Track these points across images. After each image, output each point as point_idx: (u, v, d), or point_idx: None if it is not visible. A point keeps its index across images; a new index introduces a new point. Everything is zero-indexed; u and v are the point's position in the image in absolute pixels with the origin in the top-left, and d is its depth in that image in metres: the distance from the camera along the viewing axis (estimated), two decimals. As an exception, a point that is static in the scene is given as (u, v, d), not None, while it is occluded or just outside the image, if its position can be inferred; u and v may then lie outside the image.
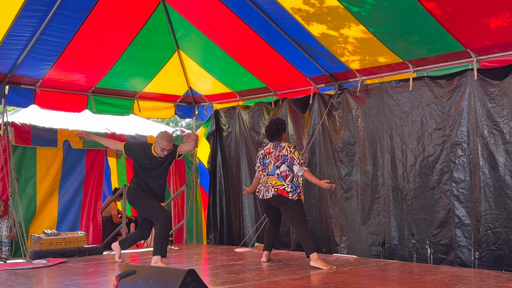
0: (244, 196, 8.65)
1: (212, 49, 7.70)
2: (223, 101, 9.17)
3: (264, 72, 7.95)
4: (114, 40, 7.38)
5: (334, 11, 6.05)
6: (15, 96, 7.64)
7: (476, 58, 6.15)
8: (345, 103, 7.38)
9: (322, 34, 6.52)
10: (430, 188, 6.50)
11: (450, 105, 6.37)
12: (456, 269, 5.68)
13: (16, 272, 5.73)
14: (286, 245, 7.96)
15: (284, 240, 8.03)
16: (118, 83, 8.30)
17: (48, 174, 7.86)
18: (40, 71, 7.47)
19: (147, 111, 9.04)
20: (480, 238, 6.05)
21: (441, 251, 6.36)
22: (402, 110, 6.79)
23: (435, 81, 6.51)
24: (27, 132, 7.66)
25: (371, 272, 5.53)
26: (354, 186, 7.23)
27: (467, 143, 6.22)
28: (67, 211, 8.04)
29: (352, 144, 7.30)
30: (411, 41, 6.22)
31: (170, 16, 7.46)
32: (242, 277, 5.28)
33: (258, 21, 6.80)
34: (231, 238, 8.89)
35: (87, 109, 8.31)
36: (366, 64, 6.93)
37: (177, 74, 8.62)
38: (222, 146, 9.14)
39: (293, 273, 5.47)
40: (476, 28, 5.72)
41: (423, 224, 6.54)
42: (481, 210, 6.07)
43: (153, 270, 3.62)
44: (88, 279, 5.42)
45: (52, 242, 6.94)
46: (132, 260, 6.89)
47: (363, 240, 7.10)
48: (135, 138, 8.95)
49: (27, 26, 6.55)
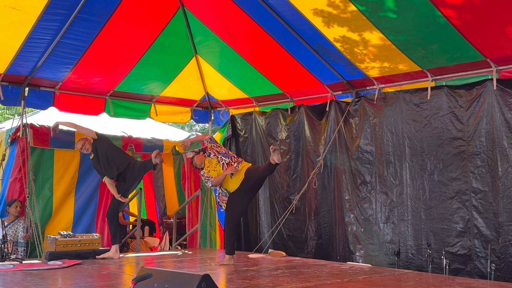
0: (260, 202, 8.63)
1: (230, 54, 7.72)
2: (240, 106, 9.18)
3: (281, 78, 7.95)
4: (133, 44, 7.44)
5: (357, 16, 6.00)
6: (34, 98, 7.73)
7: (496, 68, 6.10)
8: (362, 110, 7.36)
9: (343, 37, 6.48)
10: (449, 198, 6.44)
11: (469, 115, 6.32)
12: (472, 281, 5.61)
13: (32, 273, 5.77)
14: (304, 252, 7.89)
15: (300, 246, 7.98)
16: (136, 87, 8.36)
17: (65, 176, 7.93)
18: (60, 74, 7.55)
19: (163, 115, 9.09)
20: (499, 249, 5.98)
21: (459, 261, 6.29)
22: (420, 119, 6.75)
23: (454, 91, 6.47)
24: (45, 134, 7.73)
25: (385, 282, 5.49)
26: (370, 194, 7.19)
27: (486, 153, 6.15)
28: (82, 213, 8.09)
29: (368, 152, 7.26)
30: (431, 49, 6.18)
31: (189, 21, 7.50)
32: (255, 283, 5.27)
33: (277, 27, 6.81)
34: (249, 244, 8.85)
35: (105, 112, 8.38)
36: (385, 72, 6.90)
37: (194, 79, 8.65)
38: (238, 151, 9.14)
39: (307, 280, 5.45)
40: (497, 37, 5.67)
41: (441, 234, 6.48)
42: (500, 221, 6.00)
43: (169, 274, 3.63)
44: (102, 281, 5.44)
45: (68, 243, 6.98)
46: (146, 264, 6.91)
47: (379, 249, 7.05)
48: (151, 142, 8.99)
49: (48, 29, 6.63)
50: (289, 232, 8.18)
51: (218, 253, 8.30)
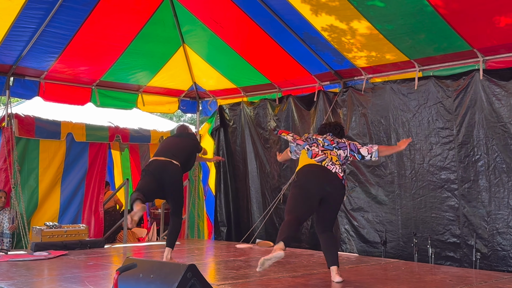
0: (252, 192, 8.61)
1: (218, 44, 7.67)
2: (228, 96, 9.14)
3: (269, 68, 7.92)
4: (119, 33, 7.36)
5: (345, 4, 5.94)
6: (19, 87, 7.63)
7: (482, 59, 6.10)
8: (350, 101, 7.35)
9: (331, 26, 6.43)
10: (438, 187, 6.47)
11: (456, 105, 6.33)
12: (458, 270, 5.65)
13: (17, 263, 5.73)
14: (297, 241, 7.83)
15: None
16: (123, 76, 8.28)
17: (51, 166, 7.86)
18: (45, 63, 7.46)
19: (150, 105, 9.02)
20: (487, 238, 6.02)
21: (449, 249, 6.34)
22: (408, 109, 6.75)
23: (441, 81, 6.47)
24: (30, 124, 7.65)
25: (372, 271, 5.51)
26: (359, 184, 7.20)
27: (474, 143, 6.18)
28: (69, 203, 8.04)
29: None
30: (418, 39, 6.17)
31: (176, 10, 7.43)
32: (242, 273, 5.26)
33: (265, 17, 6.77)
34: (239, 234, 8.81)
35: (91, 102, 8.30)
36: (372, 62, 6.88)
37: (181, 68, 8.59)
38: (227, 142, 9.10)
39: (294, 270, 5.45)
40: (484, 27, 5.66)
41: (430, 222, 6.51)
42: (488, 210, 6.04)
43: (154, 264, 3.60)
44: (88, 272, 5.41)
45: (54, 234, 6.94)
46: (134, 254, 6.88)
47: (368, 239, 7.07)
48: (139, 132, 8.94)
49: (32, 18, 6.53)
50: (281, 221, 8.16)
51: (205, 244, 8.29)
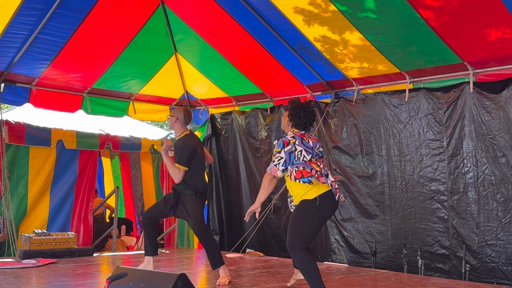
0: (244, 200, 8.58)
1: (210, 53, 7.68)
2: (219, 105, 9.14)
3: (261, 78, 7.94)
4: (111, 41, 7.35)
5: (338, 16, 6.00)
6: (9, 94, 7.57)
7: (472, 71, 6.16)
8: (341, 111, 7.38)
9: (323, 37, 6.47)
10: (428, 199, 6.50)
11: (447, 117, 6.38)
12: (447, 281, 5.67)
13: (5, 271, 5.68)
14: (286, 251, 7.79)
15: (283, 245, 7.91)
16: (114, 84, 8.26)
17: (40, 173, 7.81)
18: (37, 70, 7.43)
19: (142, 113, 9.00)
20: (476, 250, 6.05)
21: (438, 261, 6.36)
22: (399, 120, 6.79)
23: (431, 93, 6.52)
24: (20, 130, 7.61)
25: (362, 282, 5.52)
26: (349, 195, 7.21)
27: (464, 155, 6.22)
28: (58, 211, 7.98)
29: (347, 153, 7.28)
30: (409, 51, 6.22)
31: (169, 19, 7.44)
32: (233, 282, 5.25)
33: (257, 26, 6.79)
34: (232, 242, 8.78)
35: (82, 109, 8.25)
36: (364, 73, 6.93)
37: (173, 77, 8.59)
38: (219, 151, 9.09)
39: (284, 280, 5.44)
40: (475, 40, 5.72)
41: (420, 234, 6.54)
42: (477, 221, 6.08)
43: (144, 273, 3.59)
44: (77, 280, 5.37)
45: (42, 242, 6.89)
46: (123, 263, 6.84)
47: (358, 249, 7.08)
48: (129, 140, 8.92)
49: (25, 24, 6.51)
50: (271, 231, 8.17)
51: (196, 253, 8.26)
